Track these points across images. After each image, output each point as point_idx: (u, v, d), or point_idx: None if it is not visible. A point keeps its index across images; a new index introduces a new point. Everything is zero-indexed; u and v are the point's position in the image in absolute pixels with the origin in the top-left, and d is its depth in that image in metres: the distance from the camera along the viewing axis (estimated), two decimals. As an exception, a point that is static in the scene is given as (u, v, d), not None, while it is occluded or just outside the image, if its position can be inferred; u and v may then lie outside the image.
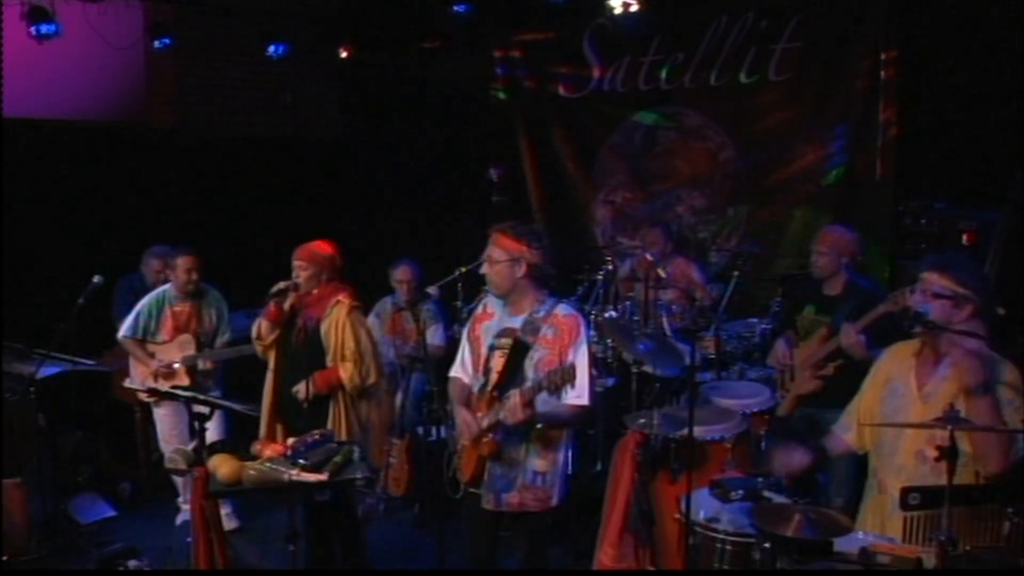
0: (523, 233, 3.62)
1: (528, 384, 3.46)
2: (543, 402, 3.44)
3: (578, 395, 3.45)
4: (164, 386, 5.24)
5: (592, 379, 3.59)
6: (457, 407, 3.77)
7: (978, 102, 5.35)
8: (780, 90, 6.40)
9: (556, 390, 3.36)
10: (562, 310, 3.61)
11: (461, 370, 3.79)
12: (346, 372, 4.32)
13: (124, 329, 5.37)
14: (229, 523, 5.32)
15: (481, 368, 3.67)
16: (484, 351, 3.66)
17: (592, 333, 5.80)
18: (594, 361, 5.63)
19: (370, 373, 4.39)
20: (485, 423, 3.54)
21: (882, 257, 5.76)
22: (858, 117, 6.02)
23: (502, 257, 3.55)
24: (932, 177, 5.48)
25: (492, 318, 3.72)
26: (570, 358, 3.48)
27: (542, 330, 3.54)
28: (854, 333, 4.12)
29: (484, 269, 3.63)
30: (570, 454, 3.75)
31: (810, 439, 4.08)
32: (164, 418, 5.39)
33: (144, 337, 5.36)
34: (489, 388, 3.60)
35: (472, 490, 3.67)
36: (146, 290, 5.82)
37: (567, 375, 3.32)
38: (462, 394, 3.75)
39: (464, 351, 3.80)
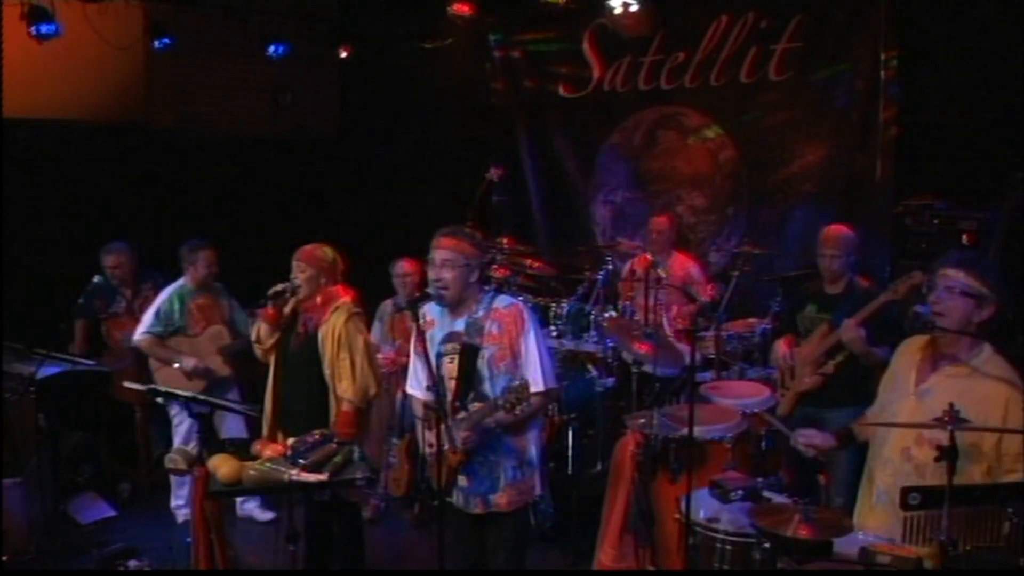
0: (472, 237, 3.60)
1: (484, 402, 3.47)
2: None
3: (535, 382, 3.47)
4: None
5: (548, 360, 3.61)
6: (419, 423, 3.79)
7: (978, 102, 5.34)
8: (780, 90, 6.39)
9: (512, 409, 3.34)
10: (501, 303, 3.61)
11: (416, 386, 3.73)
12: (345, 392, 4.23)
13: (145, 327, 5.29)
14: (263, 515, 5.50)
15: (435, 377, 3.60)
16: (433, 360, 3.57)
17: (592, 332, 5.87)
18: (593, 360, 5.73)
19: (370, 386, 4.28)
20: (459, 437, 3.48)
21: (882, 257, 5.75)
22: (858, 117, 6.02)
23: (459, 261, 3.50)
24: (932, 177, 5.47)
25: (433, 326, 3.66)
26: (520, 349, 3.52)
27: (486, 327, 3.54)
28: (854, 326, 4.14)
29: (434, 272, 3.54)
30: (540, 434, 3.76)
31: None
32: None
33: (169, 332, 5.33)
34: (450, 398, 3.58)
35: (448, 499, 3.65)
36: (112, 289, 5.84)
37: (520, 393, 3.33)
38: (422, 410, 3.73)
39: (415, 366, 3.73)
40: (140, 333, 5.33)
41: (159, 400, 4.79)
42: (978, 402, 2.88)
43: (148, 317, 5.33)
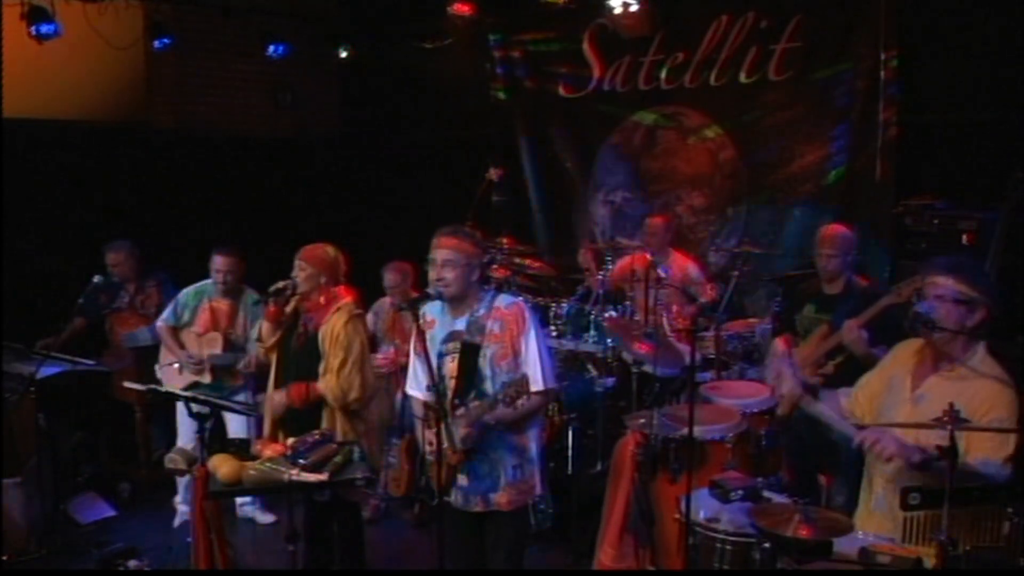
0: (472, 236, 3.62)
1: (484, 400, 3.47)
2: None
3: (535, 381, 3.47)
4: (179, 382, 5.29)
5: (548, 360, 3.61)
6: (419, 423, 3.78)
7: (978, 102, 5.34)
8: (780, 90, 6.39)
9: (512, 403, 3.35)
10: (503, 302, 3.62)
11: (416, 386, 3.72)
12: (326, 385, 4.18)
13: (163, 315, 5.47)
14: (264, 517, 5.55)
15: (435, 377, 3.56)
16: (434, 360, 3.55)
17: (592, 332, 5.87)
18: (593, 360, 5.73)
19: (352, 388, 4.17)
20: (459, 435, 3.48)
21: (882, 257, 5.76)
22: (858, 117, 6.02)
23: (460, 261, 3.51)
24: (932, 177, 5.47)
25: (434, 325, 3.66)
26: (521, 348, 3.52)
27: (488, 326, 3.55)
28: (856, 328, 4.13)
29: (435, 272, 3.54)
30: (540, 433, 3.75)
31: (811, 438, 4.10)
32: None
33: (181, 325, 5.42)
34: (450, 396, 3.58)
35: (446, 499, 3.63)
36: (115, 285, 5.87)
37: (520, 386, 3.33)
38: (422, 410, 3.73)
39: (415, 366, 3.72)
40: (160, 319, 5.51)
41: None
42: (968, 401, 2.90)
43: (168, 308, 5.49)
